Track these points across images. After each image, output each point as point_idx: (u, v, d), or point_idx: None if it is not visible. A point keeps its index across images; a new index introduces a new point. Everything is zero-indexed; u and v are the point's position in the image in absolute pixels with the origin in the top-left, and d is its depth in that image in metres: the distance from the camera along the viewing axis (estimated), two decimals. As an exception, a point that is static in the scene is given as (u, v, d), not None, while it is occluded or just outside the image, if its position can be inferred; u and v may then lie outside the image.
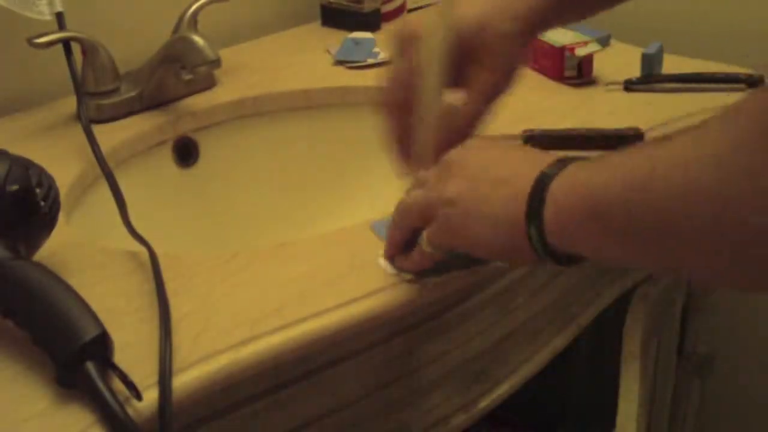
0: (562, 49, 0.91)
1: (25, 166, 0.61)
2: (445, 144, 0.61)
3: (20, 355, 0.55)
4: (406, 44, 0.63)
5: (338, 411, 0.64)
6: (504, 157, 0.57)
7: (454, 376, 0.70)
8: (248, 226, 0.93)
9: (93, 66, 0.87)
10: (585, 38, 0.93)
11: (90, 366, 0.51)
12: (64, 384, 0.52)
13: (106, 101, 0.87)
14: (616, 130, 0.78)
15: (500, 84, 0.63)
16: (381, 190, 0.76)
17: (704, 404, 1.11)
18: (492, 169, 0.56)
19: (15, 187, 0.59)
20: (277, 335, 0.57)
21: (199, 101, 0.92)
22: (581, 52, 0.91)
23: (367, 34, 1.03)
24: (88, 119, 0.82)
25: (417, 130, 0.63)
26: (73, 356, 0.51)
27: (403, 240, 0.62)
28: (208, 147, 0.92)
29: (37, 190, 0.60)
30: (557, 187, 0.50)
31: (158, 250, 0.64)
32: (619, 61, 0.96)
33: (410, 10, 1.12)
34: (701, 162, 0.42)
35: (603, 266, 0.77)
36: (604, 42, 0.98)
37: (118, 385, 0.52)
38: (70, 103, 0.87)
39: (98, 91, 0.87)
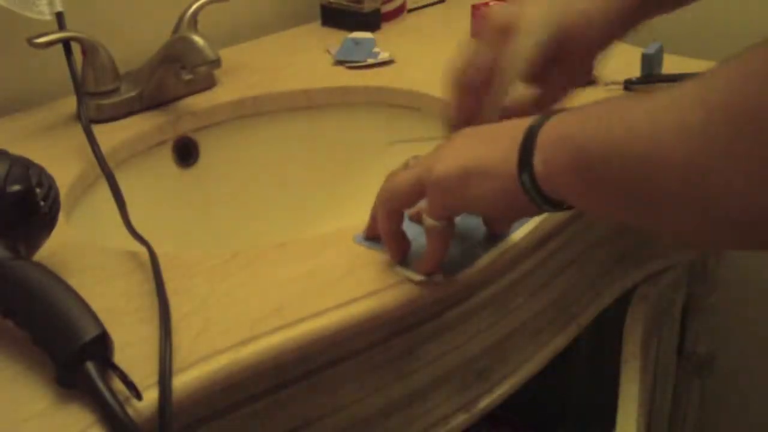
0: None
1: (25, 166, 0.61)
2: None
3: (20, 355, 0.55)
4: (499, 32, 0.65)
5: (338, 411, 0.64)
6: (491, 126, 0.59)
7: (454, 376, 0.70)
8: (248, 226, 0.93)
9: (93, 66, 0.87)
10: (585, 38, 0.93)
11: (90, 366, 0.51)
12: (64, 384, 0.52)
13: (106, 101, 0.87)
14: None
15: (574, 85, 0.66)
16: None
17: (704, 404, 1.11)
18: (483, 133, 0.57)
19: (15, 187, 0.59)
20: (277, 335, 0.57)
21: (199, 101, 0.92)
22: (581, 52, 0.91)
23: (367, 34, 1.03)
24: (88, 119, 0.82)
25: (483, 114, 0.65)
26: (73, 356, 0.51)
27: (398, 228, 0.62)
28: (208, 147, 0.92)
29: (37, 190, 0.60)
30: (544, 135, 0.52)
31: (158, 250, 0.64)
32: (619, 61, 0.96)
33: (410, 10, 1.12)
34: (668, 132, 0.43)
35: (594, 216, 0.77)
36: (604, 42, 0.98)
37: (118, 385, 0.52)
38: (70, 103, 0.87)
39: (98, 91, 0.87)
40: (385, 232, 0.62)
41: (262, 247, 0.67)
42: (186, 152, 0.91)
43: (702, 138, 0.41)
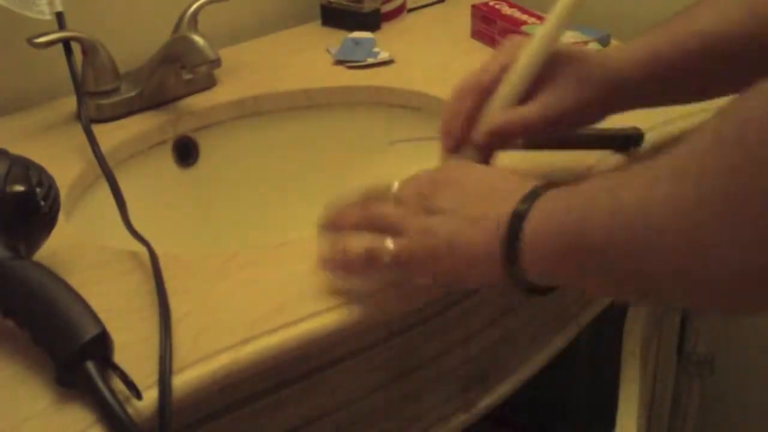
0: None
1: (25, 165, 0.61)
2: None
3: (20, 354, 0.55)
4: (508, 47, 0.67)
5: (338, 410, 0.64)
6: (481, 187, 0.58)
7: (453, 375, 0.70)
8: (248, 226, 0.93)
9: (93, 66, 0.87)
10: (585, 38, 0.93)
11: (90, 365, 0.51)
12: (64, 384, 0.52)
13: (106, 101, 0.87)
14: (616, 129, 0.78)
15: (558, 115, 0.65)
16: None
17: (704, 404, 1.11)
18: (470, 203, 0.56)
19: (15, 187, 0.59)
20: (276, 335, 0.57)
21: (199, 101, 0.92)
22: (581, 51, 0.91)
23: (367, 34, 1.03)
24: (88, 119, 0.82)
25: (482, 115, 0.66)
26: (73, 356, 0.51)
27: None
28: (208, 147, 0.92)
29: (38, 190, 0.60)
30: (531, 228, 0.51)
31: (158, 250, 0.64)
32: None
33: (410, 10, 1.12)
34: (659, 211, 0.42)
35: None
36: (604, 42, 0.98)
37: (118, 384, 0.52)
38: (70, 103, 0.87)
39: (98, 90, 0.87)
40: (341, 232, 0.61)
41: (262, 247, 0.67)
42: (186, 152, 0.91)
43: (695, 211, 0.41)
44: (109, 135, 0.84)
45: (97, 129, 0.82)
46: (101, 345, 0.53)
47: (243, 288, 0.62)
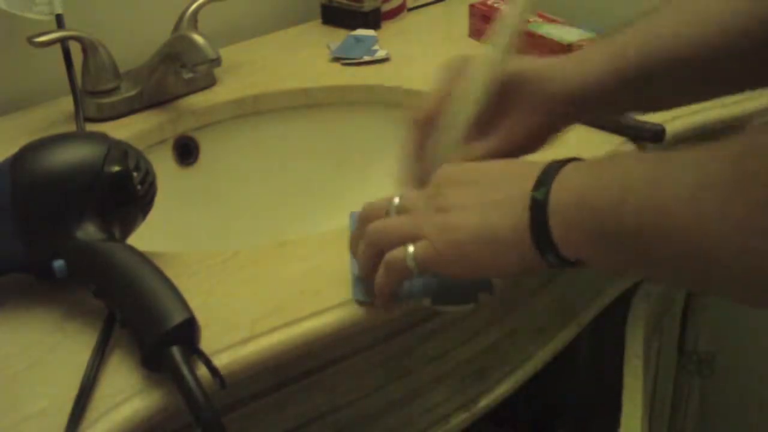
0: (569, 47, 0.91)
1: (123, 149, 0.61)
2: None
3: (20, 353, 0.55)
4: (455, 71, 0.63)
5: (338, 410, 0.64)
6: (492, 175, 0.55)
7: (454, 374, 0.70)
8: (248, 225, 0.93)
9: (93, 65, 0.87)
10: (590, 35, 0.93)
11: (175, 350, 0.51)
12: (148, 366, 0.52)
13: (106, 100, 0.87)
14: (641, 122, 0.77)
15: (522, 142, 0.62)
16: (381, 189, 0.76)
17: (704, 403, 1.11)
18: (485, 192, 0.54)
19: (113, 168, 0.59)
20: (277, 334, 0.57)
21: (199, 100, 0.92)
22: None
23: (370, 32, 1.03)
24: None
25: (430, 152, 0.62)
26: (160, 340, 0.51)
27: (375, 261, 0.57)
28: (209, 146, 0.92)
29: (135, 174, 0.61)
30: (557, 206, 0.50)
31: (159, 250, 0.64)
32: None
33: (410, 9, 1.12)
34: (712, 221, 0.42)
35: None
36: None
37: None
38: (69, 103, 0.87)
39: (98, 90, 0.87)
40: (364, 256, 0.58)
41: (262, 246, 0.67)
42: (186, 151, 0.91)
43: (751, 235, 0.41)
44: (110, 134, 0.83)
45: (98, 128, 0.82)
46: (188, 331, 0.53)
47: (243, 287, 0.62)
